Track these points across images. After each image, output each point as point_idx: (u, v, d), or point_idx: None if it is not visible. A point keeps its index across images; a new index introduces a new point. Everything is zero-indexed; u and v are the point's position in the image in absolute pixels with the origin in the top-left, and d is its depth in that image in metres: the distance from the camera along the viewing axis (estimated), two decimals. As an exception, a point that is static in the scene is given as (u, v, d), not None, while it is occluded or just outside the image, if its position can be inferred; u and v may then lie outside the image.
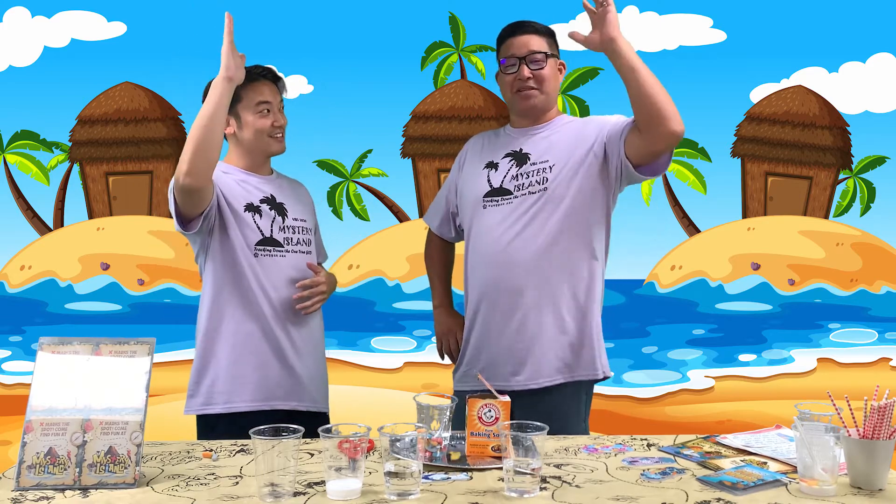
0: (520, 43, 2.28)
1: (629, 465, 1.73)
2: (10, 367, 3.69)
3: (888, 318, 3.77)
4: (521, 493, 1.51)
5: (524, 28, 2.30)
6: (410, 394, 2.32)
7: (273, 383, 2.24)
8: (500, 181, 2.27)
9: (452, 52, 3.79)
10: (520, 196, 2.23)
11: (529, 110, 2.30)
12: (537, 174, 2.23)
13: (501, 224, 2.23)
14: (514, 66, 2.26)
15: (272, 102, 2.33)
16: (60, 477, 1.59)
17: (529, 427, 1.56)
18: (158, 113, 3.75)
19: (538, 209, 2.21)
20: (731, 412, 3.68)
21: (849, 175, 3.83)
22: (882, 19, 3.73)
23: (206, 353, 2.26)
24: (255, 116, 2.31)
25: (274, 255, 2.28)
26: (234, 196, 2.26)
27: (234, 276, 2.24)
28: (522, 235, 2.21)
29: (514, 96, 2.29)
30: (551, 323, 2.20)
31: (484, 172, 2.31)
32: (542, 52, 2.26)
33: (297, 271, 2.31)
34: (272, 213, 2.30)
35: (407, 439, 1.51)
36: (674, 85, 3.73)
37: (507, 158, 2.29)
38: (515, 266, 2.20)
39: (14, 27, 3.68)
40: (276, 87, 2.37)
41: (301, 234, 2.36)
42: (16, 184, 3.75)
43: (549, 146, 2.27)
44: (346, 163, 3.79)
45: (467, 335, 2.34)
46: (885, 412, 1.57)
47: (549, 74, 2.28)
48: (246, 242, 2.24)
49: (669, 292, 3.81)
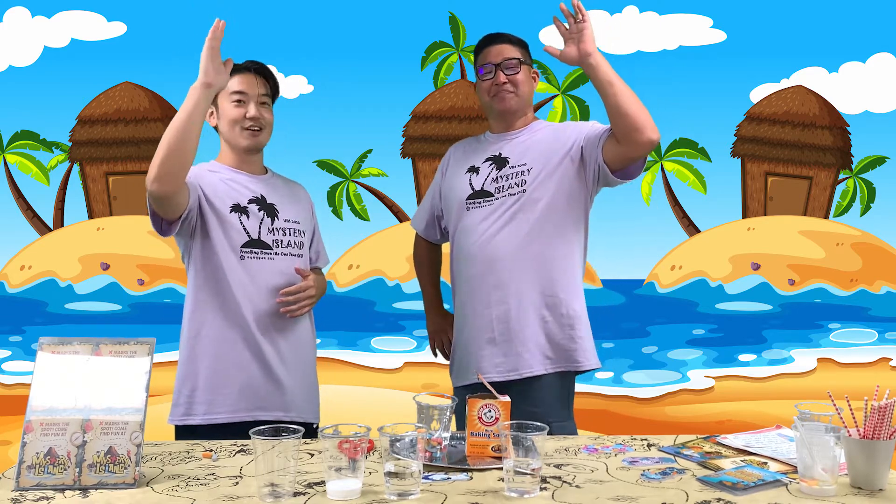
0: (495, 51, 2.40)
1: (629, 465, 1.73)
2: (10, 367, 3.69)
3: (888, 318, 3.77)
4: (522, 494, 1.51)
5: (499, 38, 2.42)
6: (410, 394, 2.32)
7: (256, 393, 2.17)
8: (482, 184, 2.37)
9: (452, 52, 3.79)
10: (500, 198, 2.33)
11: (505, 112, 2.40)
12: (516, 177, 2.33)
13: (483, 223, 2.33)
14: (491, 73, 2.38)
15: (248, 94, 2.24)
16: (60, 477, 1.59)
17: (529, 427, 1.56)
18: (158, 113, 3.75)
19: (517, 209, 2.31)
20: (731, 412, 3.68)
21: (849, 175, 3.83)
22: (882, 19, 3.74)
23: (187, 360, 2.21)
24: (229, 106, 2.25)
25: (261, 258, 2.21)
26: (218, 196, 2.21)
27: (216, 280, 2.18)
28: (503, 233, 2.30)
29: (491, 100, 2.40)
30: (533, 316, 2.28)
31: (466, 176, 2.40)
32: (516, 59, 2.38)
33: (286, 275, 2.23)
34: (260, 214, 2.23)
35: (407, 439, 1.51)
36: (674, 85, 3.77)
37: (487, 162, 2.39)
38: (497, 261, 2.30)
39: (14, 27, 3.68)
40: (259, 79, 2.27)
41: (292, 235, 2.29)
42: (16, 184, 3.75)
43: (526, 150, 2.36)
44: (346, 163, 3.79)
45: (457, 331, 2.44)
46: (885, 412, 1.57)
47: (522, 79, 2.39)
48: (230, 245, 2.18)
49: (669, 292, 3.82)
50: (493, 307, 2.30)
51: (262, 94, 2.27)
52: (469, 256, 2.35)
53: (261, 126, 2.27)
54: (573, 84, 3.76)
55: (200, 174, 2.21)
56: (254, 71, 2.28)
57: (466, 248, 2.36)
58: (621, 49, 3.71)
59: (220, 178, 2.25)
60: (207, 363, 2.18)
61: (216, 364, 2.17)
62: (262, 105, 2.27)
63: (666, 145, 3.77)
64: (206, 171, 2.25)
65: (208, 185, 2.21)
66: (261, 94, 2.27)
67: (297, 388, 2.25)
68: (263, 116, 2.27)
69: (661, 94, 3.71)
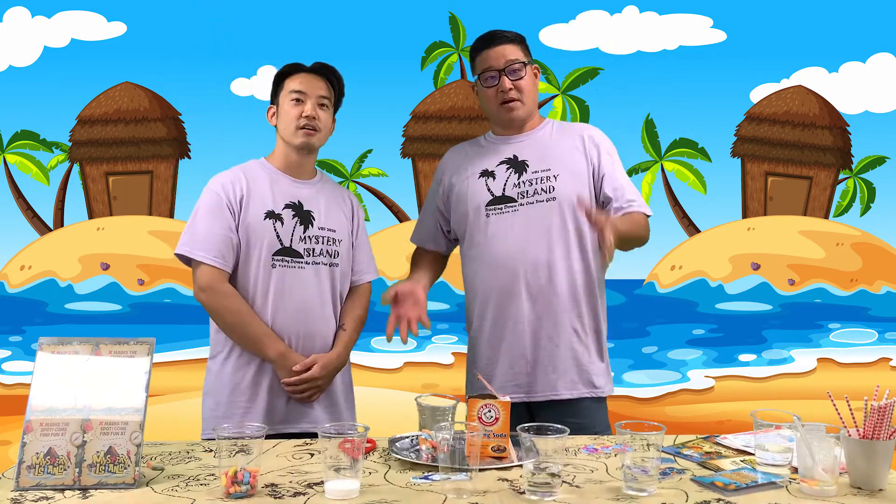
0: (496, 54, 2.28)
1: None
2: (10, 367, 3.69)
3: (888, 318, 3.78)
4: (543, 496, 1.51)
5: (498, 39, 2.30)
6: (410, 394, 2.32)
7: (281, 410, 2.15)
8: (502, 189, 2.27)
9: (452, 52, 3.79)
10: (526, 204, 2.24)
11: (514, 121, 2.32)
12: (541, 182, 2.24)
13: (510, 232, 2.23)
14: (495, 79, 2.28)
15: (307, 93, 2.22)
16: (60, 477, 1.59)
17: (550, 430, 1.57)
18: (158, 113, 3.75)
19: (548, 217, 2.22)
20: (731, 412, 3.68)
21: (849, 175, 3.83)
22: (882, 19, 3.74)
23: (210, 373, 2.21)
24: (288, 104, 2.23)
25: (292, 266, 2.18)
26: (255, 204, 2.18)
27: (244, 290, 2.16)
28: (535, 243, 2.21)
29: (498, 108, 2.30)
30: (568, 334, 2.21)
31: (481, 181, 2.30)
32: (521, 62, 2.29)
33: (317, 286, 2.20)
34: (294, 222, 2.19)
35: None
36: (674, 85, 3.77)
37: (502, 166, 2.29)
38: (528, 273, 2.20)
39: (14, 27, 3.68)
40: (321, 81, 2.26)
41: (326, 244, 2.23)
42: (16, 184, 3.75)
43: (545, 154, 2.28)
44: (346, 163, 3.79)
45: (475, 343, 2.32)
46: (885, 412, 1.57)
47: (528, 84, 2.31)
48: (260, 255, 2.15)
49: (669, 292, 3.82)
50: (520, 320, 2.21)
51: (322, 96, 2.24)
52: (493, 266, 2.24)
53: (316, 127, 2.23)
54: (573, 84, 3.76)
55: (246, 178, 2.21)
56: (317, 72, 2.27)
57: (490, 259, 2.25)
58: (621, 49, 3.71)
59: (265, 179, 2.23)
60: (228, 380, 2.17)
61: (237, 381, 2.16)
62: (321, 107, 2.24)
63: (666, 145, 3.77)
64: (256, 168, 2.25)
65: (251, 191, 2.19)
66: (320, 96, 2.24)
67: (330, 397, 2.23)
68: (320, 117, 2.24)
69: (661, 94, 3.72)
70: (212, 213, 2.17)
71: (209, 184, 2.23)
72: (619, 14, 3.73)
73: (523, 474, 1.55)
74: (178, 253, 2.17)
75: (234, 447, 1.54)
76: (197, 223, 2.17)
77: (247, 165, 2.28)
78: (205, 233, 2.15)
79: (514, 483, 1.60)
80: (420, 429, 1.84)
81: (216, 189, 2.20)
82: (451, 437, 1.59)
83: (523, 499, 1.51)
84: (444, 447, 1.58)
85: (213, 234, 2.14)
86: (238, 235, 2.16)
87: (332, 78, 2.30)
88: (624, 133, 3.73)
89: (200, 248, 2.14)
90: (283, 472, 1.67)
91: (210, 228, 2.15)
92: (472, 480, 1.53)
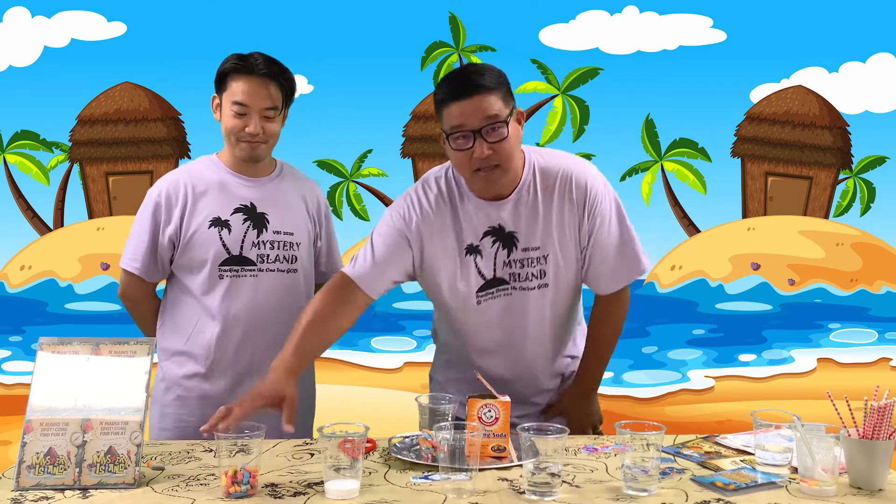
0: (471, 109, 1.80)
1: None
2: (10, 367, 3.69)
3: (888, 318, 3.77)
4: (543, 496, 1.51)
5: (473, 88, 1.80)
6: (410, 394, 2.32)
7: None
8: (493, 271, 1.97)
9: (452, 52, 3.79)
10: (518, 288, 1.98)
11: (491, 191, 1.93)
12: (531, 265, 1.97)
13: (505, 315, 2.00)
14: (469, 142, 1.81)
15: (251, 107, 2.01)
16: (60, 477, 1.59)
17: (550, 430, 1.57)
18: (158, 113, 3.75)
19: (540, 301, 2.01)
20: (731, 412, 3.68)
21: (849, 175, 3.83)
22: (882, 19, 3.73)
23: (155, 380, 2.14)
24: (230, 113, 2.04)
25: (242, 275, 2.05)
26: (199, 212, 2.07)
27: (179, 304, 2.12)
28: (529, 323, 2.02)
29: (473, 175, 1.88)
30: (542, 382, 2.15)
31: (468, 260, 1.96)
32: (501, 120, 1.81)
33: (273, 296, 2.07)
34: (245, 227, 2.06)
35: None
36: (674, 85, 3.77)
37: (487, 237, 1.95)
38: (510, 359, 2.06)
39: (14, 27, 3.67)
40: (268, 89, 2.03)
41: (283, 249, 2.09)
42: (16, 184, 3.75)
43: (534, 226, 1.96)
44: (346, 163, 3.79)
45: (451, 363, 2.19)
46: (885, 412, 1.57)
47: (511, 145, 1.85)
48: (206, 266, 2.04)
49: (669, 292, 3.81)
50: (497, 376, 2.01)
51: (267, 108, 2.04)
52: (479, 345, 2.06)
53: (261, 140, 2.07)
54: (573, 84, 3.75)
55: (193, 174, 2.13)
56: (264, 76, 2.04)
57: (476, 336, 2.05)
58: (621, 49, 3.71)
59: (215, 179, 2.12)
60: (164, 390, 2.13)
61: (177, 394, 2.13)
62: (267, 119, 2.05)
63: (666, 145, 3.77)
64: (204, 166, 2.16)
65: (196, 193, 2.09)
66: (265, 108, 2.04)
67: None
68: (266, 129, 2.05)
69: (661, 94, 3.72)
70: (138, 219, 2.16)
71: (150, 188, 2.17)
72: (619, 14, 3.73)
73: (523, 474, 1.55)
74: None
75: (234, 447, 1.54)
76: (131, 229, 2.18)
77: (195, 165, 2.19)
78: (131, 239, 2.16)
79: (514, 483, 1.61)
80: (420, 429, 1.84)
81: (153, 195, 2.14)
82: (452, 436, 1.59)
83: (523, 499, 1.51)
84: (444, 447, 1.58)
85: (133, 240, 2.15)
86: (172, 242, 2.09)
87: (281, 79, 2.08)
88: (624, 133, 3.73)
89: (124, 254, 2.16)
90: (283, 472, 1.67)
91: (135, 234, 2.15)
92: (472, 480, 1.54)
